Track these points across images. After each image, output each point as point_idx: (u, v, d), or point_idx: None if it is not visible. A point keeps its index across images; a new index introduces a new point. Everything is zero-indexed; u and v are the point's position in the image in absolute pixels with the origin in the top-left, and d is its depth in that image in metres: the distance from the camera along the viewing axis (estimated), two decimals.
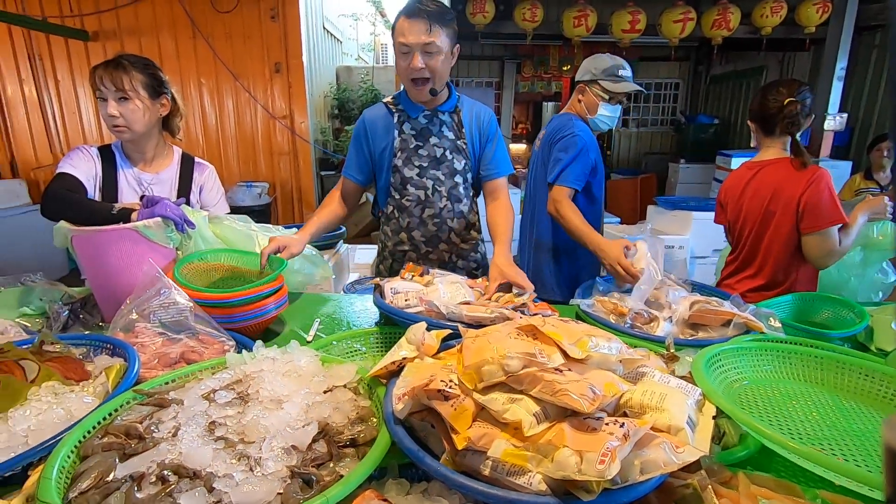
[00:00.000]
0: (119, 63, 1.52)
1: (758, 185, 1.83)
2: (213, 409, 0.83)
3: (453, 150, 1.72)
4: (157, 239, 1.36)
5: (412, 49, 1.50)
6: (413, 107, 1.69)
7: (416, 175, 1.71)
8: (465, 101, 1.76)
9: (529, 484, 0.61)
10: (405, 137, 1.70)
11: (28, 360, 0.95)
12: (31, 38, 4.96)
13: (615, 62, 1.99)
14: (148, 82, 1.56)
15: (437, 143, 1.70)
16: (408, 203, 1.75)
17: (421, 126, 1.70)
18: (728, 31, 4.57)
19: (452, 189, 1.74)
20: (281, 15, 5.06)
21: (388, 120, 1.71)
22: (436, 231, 1.77)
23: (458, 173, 1.73)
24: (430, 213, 1.74)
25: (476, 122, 1.74)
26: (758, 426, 0.69)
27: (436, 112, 1.70)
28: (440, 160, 1.71)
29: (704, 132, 6.86)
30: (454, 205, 1.76)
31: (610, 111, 2.02)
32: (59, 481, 0.67)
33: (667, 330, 1.26)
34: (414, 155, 1.70)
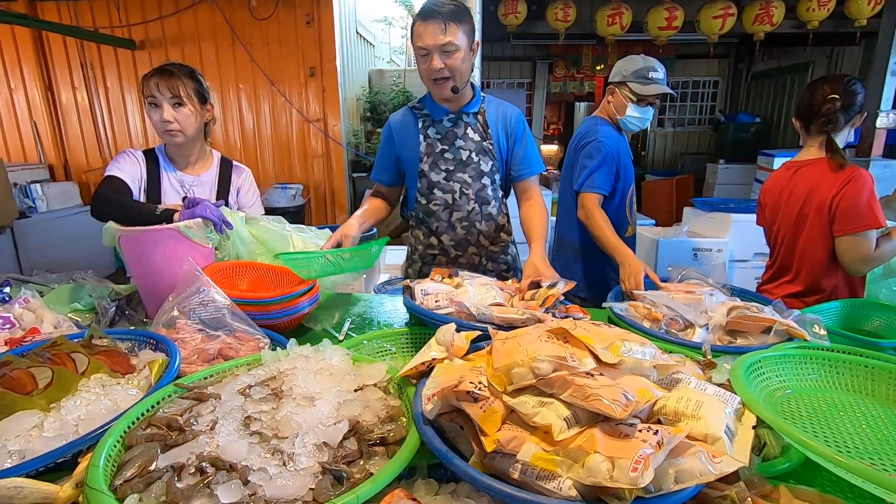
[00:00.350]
0: (172, 71, 1.61)
1: (794, 186, 1.77)
2: (249, 404, 0.85)
3: (479, 152, 1.71)
4: (198, 239, 1.42)
5: (430, 51, 1.51)
6: (437, 109, 1.69)
7: (443, 179, 1.71)
8: (491, 100, 1.75)
9: (559, 489, 0.61)
10: (430, 142, 1.70)
11: (79, 353, 1.00)
12: (83, 48, 5.24)
13: (646, 64, 1.97)
14: (196, 89, 1.65)
15: (462, 146, 1.69)
16: (435, 207, 1.75)
17: (446, 129, 1.70)
18: (771, 26, 4.40)
19: (480, 191, 1.73)
20: (316, 20, 5.17)
21: (413, 124, 1.72)
22: (465, 234, 1.76)
23: (486, 175, 1.72)
24: (459, 217, 1.74)
25: (503, 122, 1.72)
26: (802, 437, 0.66)
27: (460, 114, 1.70)
28: (466, 163, 1.70)
29: (745, 131, 6.61)
30: (482, 207, 1.75)
31: (639, 113, 2.00)
32: (106, 469, 0.70)
33: (703, 337, 1.22)
34: (440, 159, 1.70)
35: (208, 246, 1.46)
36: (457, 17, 1.49)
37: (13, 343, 1.16)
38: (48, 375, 0.92)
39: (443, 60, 1.51)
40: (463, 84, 1.60)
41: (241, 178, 1.85)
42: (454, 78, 1.56)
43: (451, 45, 1.49)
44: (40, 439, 0.79)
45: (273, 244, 1.61)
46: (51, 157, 5.49)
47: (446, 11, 1.47)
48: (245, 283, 1.54)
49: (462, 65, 1.54)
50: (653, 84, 1.96)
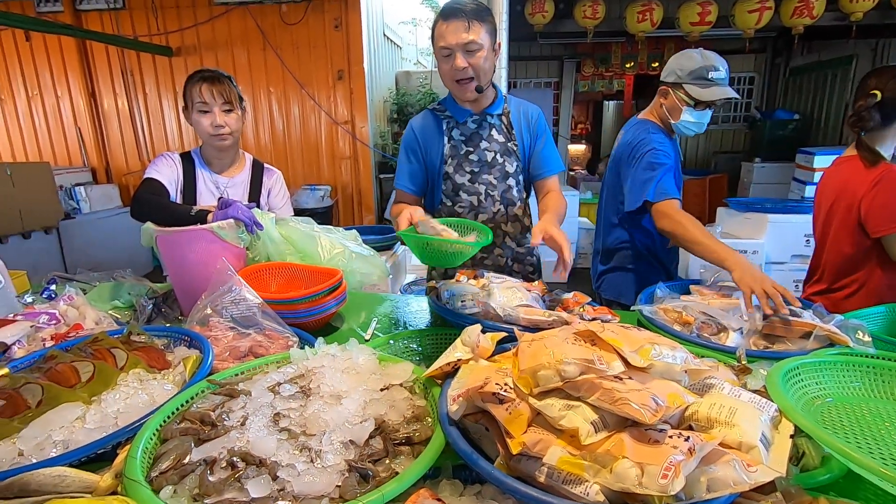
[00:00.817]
0: (220, 77, 1.68)
1: (828, 183, 1.74)
2: (278, 401, 0.87)
3: (504, 153, 1.69)
4: (230, 239, 1.46)
5: (453, 50, 1.49)
6: (460, 111, 1.67)
7: (468, 181, 1.70)
8: (512, 100, 1.73)
9: (586, 494, 0.60)
10: (454, 143, 1.69)
11: (118, 349, 1.04)
12: (123, 56, 5.46)
13: (705, 62, 1.73)
14: (238, 95, 1.72)
15: (487, 147, 1.68)
16: (461, 210, 1.73)
17: (470, 131, 1.68)
18: (812, 18, 4.22)
19: (505, 192, 1.72)
20: (344, 24, 5.25)
21: (436, 127, 1.71)
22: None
23: (511, 176, 1.71)
24: (485, 219, 1.73)
25: (525, 121, 1.70)
26: (844, 448, 0.63)
27: (484, 115, 1.68)
28: (492, 164, 1.69)
29: (783, 129, 6.37)
30: (508, 208, 1.74)
31: (696, 118, 1.79)
32: (143, 461, 0.73)
33: (737, 341, 1.18)
34: (464, 160, 1.69)
35: (240, 246, 1.50)
36: (479, 15, 1.47)
37: (58, 338, 1.22)
38: (90, 370, 0.96)
39: (466, 59, 1.49)
40: (486, 84, 1.59)
41: (272, 179, 1.90)
42: (478, 77, 1.54)
43: (475, 43, 1.47)
44: (82, 430, 0.82)
45: (302, 244, 1.64)
46: (93, 160, 5.74)
47: (469, 10, 1.46)
48: (277, 283, 1.58)
49: (485, 64, 1.53)
50: (714, 86, 1.74)
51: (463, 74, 1.52)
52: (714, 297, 1.36)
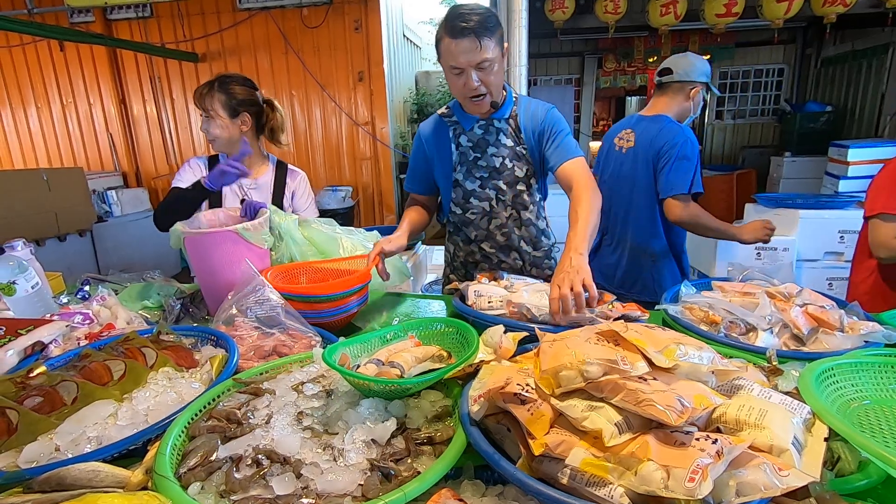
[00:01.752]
0: (211, 85, 1.74)
1: None
2: (302, 400, 0.88)
3: (514, 158, 1.64)
4: (254, 240, 1.48)
5: (465, 69, 1.43)
6: (467, 118, 1.63)
7: (478, 187, 1.67)
8: (523, 101, 1.66)
9: (610, 497, 0.59)
10: (463, 150, 1.66)
11: (148, 348, 1.07)
12: (151, 63, 5.63)
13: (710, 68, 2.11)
14: (227, 102, 1.75)
15: (495, 153, 1.63)
16: (472, 216, 1.71)
17: (478, 137, 1.64)
18: (845, 6, 4.06)
19: (517, 197, 1.68)
20: (364, 26, 5.30)
21: (444, 133, 1.67)
22: (505, 241, 1.73)
23: (521, 181, 1.66)
24: (497, 224, 1.70)
25: (532, 123, 1.63)
26: (882, 452, 0.61)
27: (490, 121, 1.62)
28: (500, 169, 1.65)
29: (814, 121, 6.15)
30: (520, 213, 1.70)
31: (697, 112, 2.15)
32: (172, 457, 0.75)
33: (767, 341, 1.15)
34: (473, 167, 1.66)
35: (264, 247, 1.53)
36: (488, 29, 1.39)
37: (92, 337, 1.26)
38: (122, 368, 0.99)
39: (479, 77, 1.44)
40: (499, 97, 1.55)
41: (296, 181, 1.93)
42: (491, 93, 1.50)
43: (487, 61, 1.41)
44: (115, 427, 0.85)
45: (324, 246, 1.66)
46: (124, 164, 5.93)
47: (477, 25, 1.36)
48: (307, 279, 1.61)
49: (496, 78, 1.48)
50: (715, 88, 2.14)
51: (476, 92, 1.47)
52: (735, 294, 1.32)
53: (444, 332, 1.12)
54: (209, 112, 1.73)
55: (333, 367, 0.85)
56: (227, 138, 1.78)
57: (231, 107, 1.75)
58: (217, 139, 1.77)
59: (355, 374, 0.85)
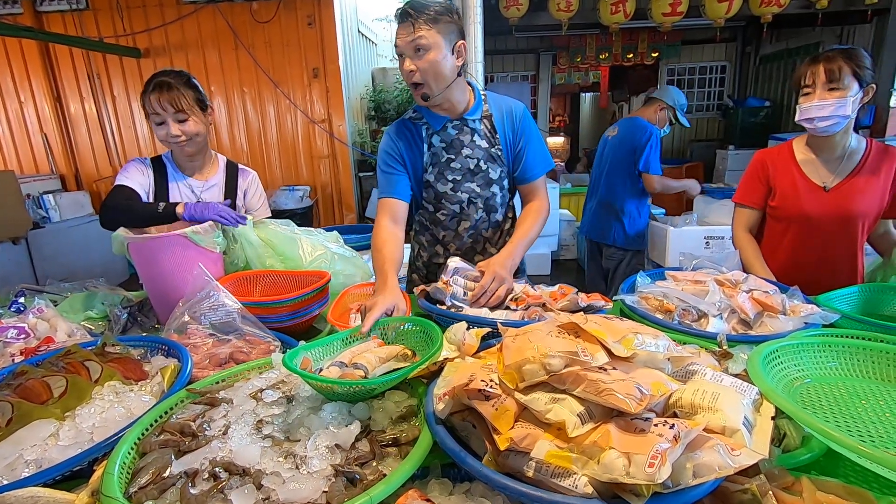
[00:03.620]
0: (171, 84, 1.58)
1: None
2: (261, 407, 0.85)
3: (488, 160, 1.61)
4: (206, 244, 1.42)
5: (403, 52, 1.41)
6: (436, 118, 1.57)
7: (451, 189, 1.62)
8: (493, 99, 1.63)
9: (575, 486, 0.60)
10: (435, 151, 1.60)
11: (92, 361, 1.01)
12: (89, 59, 5.29)
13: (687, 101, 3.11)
14: (196, 97, 1.64)
15: (469, 154, 1.59)
16: (443, 217, 1.68)
17: (451, 137, 1.59)
18: (779, 7, 4.30)
19: (489, 200, 1.65)
20: (317, 21, 5.18)
21: (415, 134, 1.61)
22: (472, 243, 1.72)
23: (495, 183, 1.63)
24: (466, 226, 1.68)
25: (509, 122, 1.62)
26: (823, 428, 0.65)
27: (464, 121, 1.57)
28: (475, 171, 1.61)
29: (755, 116, 6.51)
30: (490, 215, 1.68)
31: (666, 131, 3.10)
32: (121, 476, 0.70)
33: (717, 326, 1.20)
34: (446, 168, 1.60)
35: (216, 251, 1.47)
36: (429, 15, 1.38)
37: (28, 353, 1.18)
38: (62, 384, 0.93)
39: (413, 62, 1.40)
40: (439, 91, 1.45)
41: (248, 180, 1.85)
42: (427, 83, 1.43)
43: (419, 42, 1.37)
44: (56, 448, 0.79)
45: (282, 247, 1.61)
46: (62, 167, 5.57)
47: (417, 9, 1.38)
48: (260, 288, 1.55)
49: (433, 67, 1.40)
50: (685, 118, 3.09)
51: (411, 79, 1.43)
52: (687, 282, 1.38)
53: (408, 330, 1.11)
54: (185, 112, 1.59)
55: (295, 372, 0.82)
56: (205, 134, 1.68)
57: (200, 101, 1.65)
58: (197, 136, 1.64)
59: (318, 377, 0.83)
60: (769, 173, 1.71)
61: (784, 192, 1.68)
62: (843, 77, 1.46)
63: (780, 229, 1.72)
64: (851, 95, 1.47)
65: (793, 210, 1.66)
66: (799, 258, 1.69)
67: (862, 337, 0.97)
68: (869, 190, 1.59)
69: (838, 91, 1.47)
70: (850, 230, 1.63)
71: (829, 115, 1.49)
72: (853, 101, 1.47)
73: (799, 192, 1.65)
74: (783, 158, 1.71)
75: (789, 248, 1.70)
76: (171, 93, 1.57)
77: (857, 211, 1.60)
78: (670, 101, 3.00)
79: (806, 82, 1.54)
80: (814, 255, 1.67)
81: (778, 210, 1.71)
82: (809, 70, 1.53)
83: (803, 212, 1.64)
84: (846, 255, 1.66)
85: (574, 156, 9.64)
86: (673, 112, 3.00)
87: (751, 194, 1.77)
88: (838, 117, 1.49)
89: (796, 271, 1.62)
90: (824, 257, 1.66)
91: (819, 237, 1.65)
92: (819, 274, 1.65)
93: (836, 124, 1.51)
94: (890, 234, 1.71)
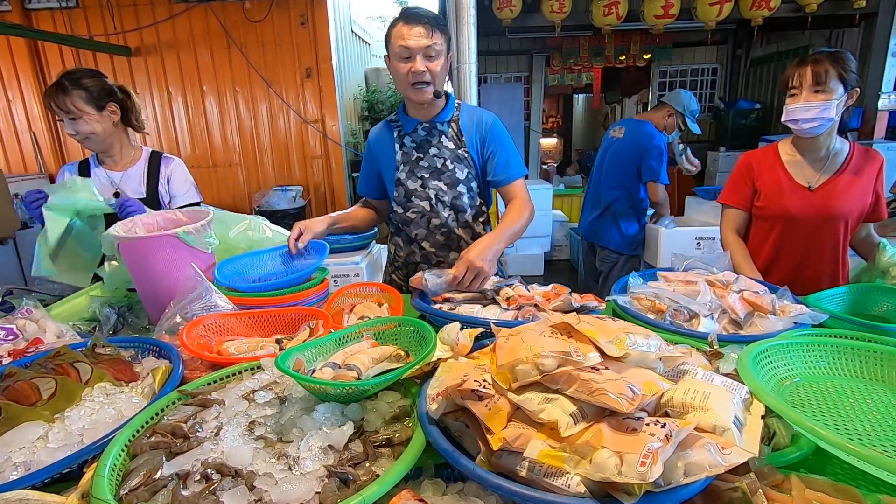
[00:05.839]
0: (61, 86, 1.66)
1: None
2: (253, 409, 0.85)
3: (454, 160, 1.71)
4: (197, 244, 1.41)
5: (413, 53, 1.52)
6: (409, 121, 1.71)
7: (420, 187, 1.72)
8: (465, 108, 1.75)
9: (567, 486, 0.60)
10: (406, 150, 1.72)
11: (82, 363, 1.00)
12: (79, 57, 5.23)
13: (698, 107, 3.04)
14: (89, 97, 1.69)
15: (437, 154, 1.70)
16: (413, 215, 1.76)
17: (420, 138, 1.71)
18: (769, 10, 4.34)
19: (455, 199, 1.73)
20: (310, 21, 5.15)
21: (389, 136, 1.75)
22: (444, 241, 1.77)
23: (461, 183, 1.72)
24: (437, 224, 1.75)
25: (476, 129, 1.72)
26: (812, 426, 0.65)
27: (433, 123, 1.70)
28: (441, 171, 1.70)
29: (745, 118, 6.56)
30: (458, 215, 1.75)
31: (675, 137, 3.10)
32: (111, 479, 0.70)
33: (709, 326, 1.21)
34: (416, 167, 1.71)
35: (208, 251, 1.46)
36: (440, 25, 1.53)
37: (16, 354, 1.16)
38: (52, 386, 0.92)
39: (425, 64, 1.53)
40: (442, 88, 1.62)
41: (170, 167, 1.93)
42: (435, 83, 1.58)
43: (434, 48, 1.52)
44: (45, 450, 0.79)
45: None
46: (51, 166, 5.49)
47: (431, 16, 1.52)
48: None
49: (441, 71, 1.57)
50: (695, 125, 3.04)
51: (421, 78, 1.55)
52: (678, 283, 1.39)
53: (401, 331, 1.11)
54: (72, 113, 1.67)
55: (287, 373, 0.82)
56: (102, 132, 1.75)
57: (94, 100, 1.72)
58: (93, 135, 1.73)
59: (311, 378, 0.83)
60: (754, 174, 1.74)
61: (769, 191, 1.70)
62: (829, 80, 1.49)
63: (766, 228, 1.75)
64: (836, 98, 1.49)
65: (777, 209, 1.69)
66: (783, 257, 1.71)
67: (850, 337, 0.98)
68: (852, 190, 1.63)
69: (823, 94, 1.50)
70: (833, 229, 1.65)
71: (814, 117, 1.51)
72: (837, 103, 1.50)
73: (783, 192, 1.67)
74: (768, 159, 1.73)
75: (773, 247, 1.73)
76: (62, 95, 1.66)
77: (840, 210, 1.62)
78: (679, 106, 2.95)
79: (793, 84, 1.56)
80: (798, 254, 1.70)
81: (763, 210, 1.73)
82: (797, 72, 1.55)
83: (787, 211, 1.67)
84: (829, 254, 1.69)
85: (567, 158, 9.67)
86: (682, 118, 2.97)
87: (736, 195, 1.80)
88: (823, 119, 1.51)
89: (780, 270, 1.65)
90: (808, 256, 1.69)
91: (803, 236, 1.68)
92: (802, 272, 1.68)
93: (820, 126, 1.53)
94: (871, 238, 1.73)
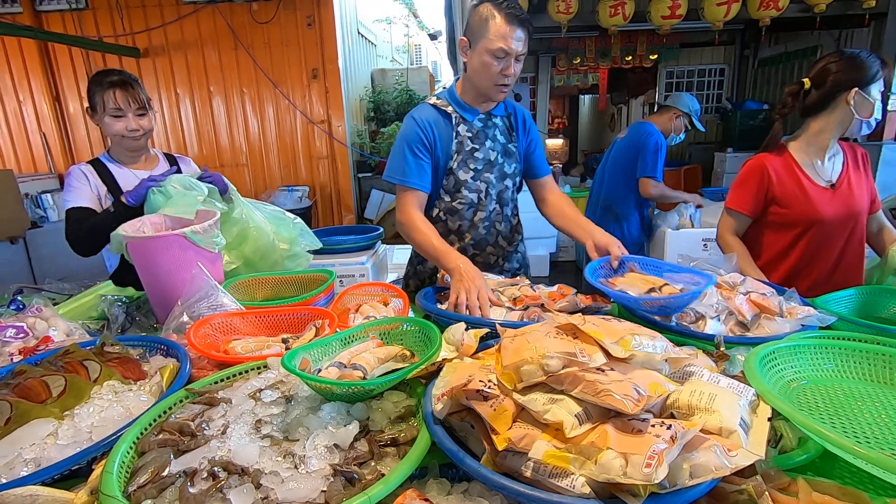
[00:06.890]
0: (130, 82, 1.71)
1: None
2: (260, 407, 0.85)
3: (504, 154, 1.71)
4: (204, 244, 1.42)
5: (510, 55, 1.48)
6: (469, 110, 1.65)
7: (471, 178, 1.68)
8: (509, 102, 1.75)
9: (572, 486, 0.60)
10: (461, 139, 1.65)
11: (91, 361, 1.01)
12: (88, 58, 5.29)
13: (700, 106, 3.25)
14: (146, 97, 1.75)
15: (491, 147, 1.69)
16: (460, 206, 1.71)
17: (477, 129, 1.67)
18: (777, 10, 4.31)
19: (502, 192, 1.74)
20: (317, 22, 5.18)
21: (444, 121, 1.64)
22: (485, 234, 1.76)
23: (508, 177, 1.73)
24: (481, 217, 1.72)
25: (522, 124, 1.75)
26: (819, 429, 0.65)
27: (490, 116, 1.69)
28: (493, 163, 1.70)
29: (753, 119, 6.51)
30: (503, 208, 1.76)
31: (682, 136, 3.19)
32: (120, 475, 0.70)
33: (715, 329, 1.20)
34: (469, 158, 1.67)
35: (215, 251, 1.47)
36: (531, 30, 1.51)
37: (27, 352, 1.18)
38: (61, 383, 0.93)
39: (514, 67, 1.51)
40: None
41: (191, 168, 1.97)
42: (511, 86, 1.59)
43: (523, 56, 1.52)
44: (55, 447, 0.80)
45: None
46: (60, 166, 5.55)
47: (528, 21, 1.48)
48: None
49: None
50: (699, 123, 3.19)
51: (510, 81, 1.53)
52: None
53: (406, 331, 1.11)
54: (143, 107, 1.73)
55: (294, 373, 0.82)
56: (152, 131, 1.81)
57: (148, 100, 1.77)
58: (150, 130, 1.79)
59: (317, 378, 0.83)
60: (772, 181, 1.66)
61: (792, 198, 1.64)
62: None
63: (791, 235, 1.67)
64: None
65: (806, 214, 1.62)
66: (816, 262, 1.65)
67: (858, 339, 0.98)
68: (860, 186, 1.64)
69: None
70: (857, 228, 1.64)
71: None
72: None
73: (809, 196, 1.62)
74: (786, 164, 1.67)
75: (802, 252, 1.65)
76: (133, 90, 1.70)
77: (862, 205, 1.63)
78: (685, 108, 3.12)
79: None
80: (830, 257, 1.65)
81: (784, 216, 1.66)
82: None
83: (818, 214, 1.61)
84: (856, 253, 1.67)
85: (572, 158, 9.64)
86: (689, 118, 3.13)
87: (749, 203, 1.71)
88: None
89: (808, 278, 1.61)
90: (838, 259, 1.65)
91: (835, 237, 1.64)
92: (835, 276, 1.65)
93: None
94: (887, 232, 1.71)
